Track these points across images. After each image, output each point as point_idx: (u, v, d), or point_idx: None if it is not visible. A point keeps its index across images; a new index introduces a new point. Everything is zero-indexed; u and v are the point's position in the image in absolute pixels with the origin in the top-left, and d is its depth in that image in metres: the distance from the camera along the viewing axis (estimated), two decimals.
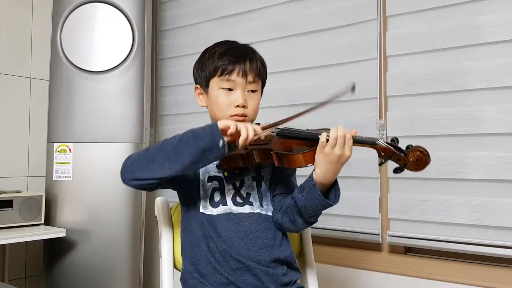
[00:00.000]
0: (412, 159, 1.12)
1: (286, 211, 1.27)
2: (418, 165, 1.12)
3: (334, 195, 1.21)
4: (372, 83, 1.95)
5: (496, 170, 1.67)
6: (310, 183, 1.19)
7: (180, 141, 1.20)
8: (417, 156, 1.11)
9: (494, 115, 1.68)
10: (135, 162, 1.25)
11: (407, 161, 1.12)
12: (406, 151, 1.13)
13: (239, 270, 1.23)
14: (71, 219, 2.16)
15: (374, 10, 1.96)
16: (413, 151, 1.12)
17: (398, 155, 1.13)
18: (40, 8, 2.57)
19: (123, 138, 2.19)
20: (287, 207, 1.27)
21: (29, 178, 2.50)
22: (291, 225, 1.28)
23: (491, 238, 1.68)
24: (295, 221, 1.26)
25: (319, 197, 1.18)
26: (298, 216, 1.25)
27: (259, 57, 1.38)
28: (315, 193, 1.18)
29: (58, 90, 2.23)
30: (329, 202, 1.19)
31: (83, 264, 2.12)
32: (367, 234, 1.94)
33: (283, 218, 1.28)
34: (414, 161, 1.11)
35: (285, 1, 2.23)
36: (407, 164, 1.12)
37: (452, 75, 1.77)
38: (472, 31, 1.73)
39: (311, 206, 1.20)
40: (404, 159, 1.12)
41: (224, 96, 1.32)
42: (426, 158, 1.11)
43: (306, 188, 1.21)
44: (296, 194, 1.24)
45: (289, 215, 1.26)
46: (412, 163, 1.12)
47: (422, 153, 1.11)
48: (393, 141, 1.15)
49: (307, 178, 1.22)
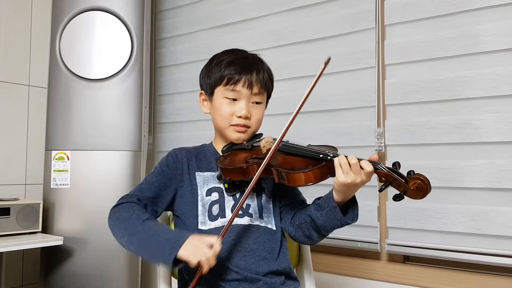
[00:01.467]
0: (412, 187, 1.09)
1: (301, 226, 1.27)
2: (418, 193, 1.09)
3: (352, 215, 1.21)
4: (370, 91, 1.96)
5: (494, 179, 1.67)
6: (331, 205, 1.19)
7: (144, 241, 1.16)
8: (417, 184, 1.09)
9: (492, 124, 1.68)
10: (114, 224, 1.24)
11: (407, 188, 1.10)
12: (407, 177, 1.11)
13: (236, 280, 1.23)
14: (69, 227, 2.15)
15: (372, 19, 1.97)
16: (414, 179, 1.09)
17: (399, 181, 1.10)
18: (39, 16, 2.57)
19: (122, 146, 2.19)
20: (302, 222, 1.27)
21: (27, 185, 2.50)
22: (306, 239, 1.29)
23: (489, 247, 1.67)
24: (311, 236, 1.27)
25: (340, 218, 1.18)
26: (314, 232, 1.25)
27: (266, 68, 1.37)
28: (337, 214, 1.18)
29: (57, 97, 2.23)
30: (348, 221, 1.20)
31: (81, 273, 2.11)
32: (366, 243, 1.94)
33: (297, 232, 1.29)
34: (415, 189, 1.09)
35: (284, 10, 2.24)
36: (407, 192, 1.10)
37: (450, 84, 1.78)
38: (470, 40, 1.74)
39: (331, 225, 1.21)
40: (405, 186, 1.10)
41: (228, 105, 1.31)
42: (427, 187, 1.08)
43: (325, 208, 1.20)
44: (313, 212, 1.23)
45: (304, 230, 1.27)
46: (412, 191, 1.09)
47: (422, 181, 1.08)
48: (394, 165, 1.13)
49: (326, 198, 1.21)
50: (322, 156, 1.17)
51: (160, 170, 1.33)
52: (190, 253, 1.08)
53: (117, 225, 1.22)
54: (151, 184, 1.30)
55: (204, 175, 1.33)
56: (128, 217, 1.21)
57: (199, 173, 1.33)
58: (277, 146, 1.21)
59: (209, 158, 1.37)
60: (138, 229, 1.18)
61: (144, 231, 1.17)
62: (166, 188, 1.31)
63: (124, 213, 1.22)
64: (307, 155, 1.21)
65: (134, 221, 1.19)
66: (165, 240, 1.13)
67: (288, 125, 1.21)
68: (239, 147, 1.35)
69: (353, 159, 1.12)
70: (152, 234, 1.16)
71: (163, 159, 1.36)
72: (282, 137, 1.21)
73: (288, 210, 1.34)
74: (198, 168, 1.34)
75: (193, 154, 1.37)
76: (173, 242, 1.11)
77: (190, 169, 1.34)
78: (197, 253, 1.08)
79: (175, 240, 1.11)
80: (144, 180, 1.32)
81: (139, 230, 1.18)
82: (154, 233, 1.16)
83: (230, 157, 1.32)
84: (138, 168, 2.22)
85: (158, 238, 1.14)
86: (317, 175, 1.16)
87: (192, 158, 1.36)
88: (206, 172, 1.34)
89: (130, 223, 1.20)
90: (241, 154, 1.31)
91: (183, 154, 1.36)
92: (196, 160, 1.36)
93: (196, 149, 1.40)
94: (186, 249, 1.09)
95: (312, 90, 1.22)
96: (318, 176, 1.16)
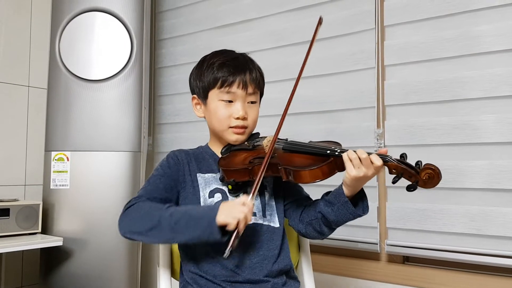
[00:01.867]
0: (424, 176, 1.10)
1: (311, 223, 1.28)
2: (430, 182, 1.10)
3: (362, 207, 1.21)
4: (370, 92, 1.96)
5: (493, 179, 1.67)
6: (342, 200, 1.19)
7: (177, 224, 1.17)
8: (429, 173, 1.09)
9: (492, 125, 1.69)
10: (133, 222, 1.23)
11: (418, 179, 1.10)
12: (417, 168, 1.11)
13: (237, 282, 1.23)
14: (68, 228, 2.15)
15: (372, 20, 1.97)
16: (425, 168, 1.10)
17: (410, 172, 1.11)
18: (38, 17, 2.57)
19: (121, 146, 2.19)
20: (312, 219, 1.27)
21: (26, 186, 2.50)
22: (317, 235, 1.30)
23: (489, 247, 1.68)
24: (322, 231, 1.27)
25: (353, 212, 1.19)
26: (325, 227, 1.26)
27: (257, 67, 1.37)
28: (349, 209, 1.19)
29: (56, 98, 2.23)
30: (360, 213, 1.21)
31: (80, 273, 2.11)
32: (365, 243, 1.94)
33: (307, 229, 1.29)
34: (426, 178, 1.10)
35: (283, 11, 2.24)
36: (419, 182, 1.11)
37: (449, 85, 1.78)
38: (469, 41, 1.75)
39: (343, 219, 1.21)
40: (416, 176, 1.10)
41: (224, 108, 1.31)
42: (438, 175, 1.09)
43: (336, 203, 1.20)
44: (323, 208, 1.24)
45: (315, 227, 1.27)
46: (424, 180, 1.10)
47: (434, 170, 1.09)
48: (402, 157, 1.14)
49: (336, 193, 1.22)
50: (330, 152, 1.17)
51: (162, 172, 1.32)
52: (228, 215, 1.11)
53: (138, 221, 1.21)
54: (156, 186, 1.29)
55: (205, 177, 1.33)
56: (149, 210, 1.21)
57: (201, 175, 1.33)
58: (275, 138, 1.22)
59: (208, 159, 1.37)
60: (166, 216, 1.18)
61: (173, 216, 1.17)
62: (171, 189, 1.30)
63: (143, 209, 1.22)
64: (314, 152, 1.21)
65: (158, 211, 1.20)
66: (199, 214, 1.16)
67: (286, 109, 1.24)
68: (239, 147, 1.35)
69: (363, 154, 1.13)
70: (183, 214, 1.18)
71: (163, 161, 1.35)
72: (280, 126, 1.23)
73: (295, 208, 1.34)
74: (199, 169, 1.34)
75: (192, 156, 1.37)
76: (207, 212, 1.14)
77: (191, 170, 1.33)
78: (234, 213, 1.11)
79: (209, 210, 1.15)
80: (148, 184, 1.31)
81: (166, 216, 1.18)
82: (184, 213, 1.18)
83: (232, 158, 1.31)
84: (137, 169, 2.22)
85: (191, 214, 1.17)
86: (325, 171, 1.16)
87: (192, 159, 1.36)
88: (207, 174, 1.33)
89: (154, 212, 1.20)
90: (242, 154, 1.31)
91: (183, 156, 1.36)
92: (196, 161, 1.36)
93: (194, 151, 1.40)
94: (223, 214, 1.12)
95: (308, 56, 1.24)
96: (326, 172, 1.17)
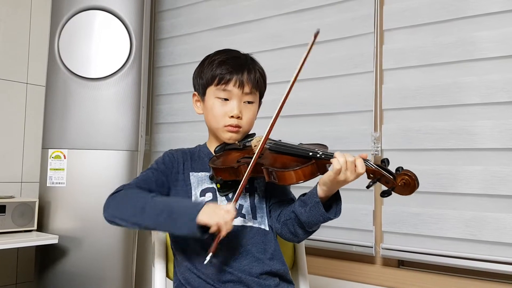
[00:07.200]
0: (400, 183, 1.09)
1: (286, 223, 1.27)
2: (406, 189, 1.10)
3: (335, 210, 1.20)
4: (367, 96, 1.96)
5: (489, 185, 1.68)
6: (314, 200, 1.18)
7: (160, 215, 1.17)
8: (405, 180, 1.09)
9: (488, 130, 1.69)
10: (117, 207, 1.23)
11: (395, 185, 1.10)
12: (395, 174, 1.11)
13: (230, 282, 1.23)
14: (64, 226, 2.14)
15: (371, 24, 1.97)
16: (402, 175, 1.10)
17: (387, 177, 1.11)
18: (38, 14, 2.57)
19: (118, 145, 2.19)
20: (287, 219, 1.27)
21: (23, 183, 2.49)
22: (291, 236, 1.28)
23: (484, 253, 1.68)
24: (296, 232, 1.26)
25: (323, 214, 1.18)
26: (299, 228, 1.25)
27: (258, 67, 1.37)
28: (319, 210, 1.18)
29: (54, 96, 2.23)
30: (331, 217, 1.19)
31: (75, 272, 2.11)
32: (361, 247, 1.94)
33: (282, 229, 1.28)
34: (402, 185, 1.09)
35: (282, 13, 2.24)
36: (395, 188, 1.10)
37: (447, 90, 1.78)
38: (467, 46, 1.75)
39: (314, 221, 1.20)
40: (393, 182, 1.10)
41: (220, 105, 1.32)
42: (415, 183, 1.09)
43: (309, 204, 1.20)
44: (297, 208, 1.23)
45: (290, 227, 1.26)
46: (400, 187, 1.10)
47: (410, 177, 1.08)
48: (383, 162, 1.14)
49: (310, 193, 1.21)
50: (312, 154, 1.18)
51: (156, 167, 1.33)
52: (210, 218, 1.11)
53: (123, 207, 1.21)
54: (148, 178, 1.30)
55: (198, 176, 1.33)
56: (135, 196, 1.22)
57: (193, 174, 1.34)
58: (264, 141, 1.22)
59: (203, 158, 1.38)
60: (150, 203, 1.18)
61: (157, 204, 1.18)
62: (162, 184, 1.31)
63: (129, 194, 1.23)
64: (297, 153, 1.22)
65: (143, 198, 1.20)
66: (183, 207, 1.16)
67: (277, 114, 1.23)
68: (232, 147, 1.35)
69: (350, 157, 1.13)
70: (167, 204, 1.18)
71: (159, 157, 1.37)
72: (269, 130, 1.22)
73: (276, 208, 1.33)
74: (192, 168, 1.35)
75: (188, 155, 1.38)
76: (191, 209, 1.14)
77: (185, 169, 1.34)
78: (216, 216, 1.11)
79: (193, 207, 1.14)
80: (140, 175, 1.32)
81: (151, 204, 1.18)
82: (169, 203, 1.18)
83: (223, 157, 1.32)
84: (134, 168, 2.22)
85: (175, 207, 1.17)
86: (306, 173, 1.17)
87: (188, 158, 1.37)
88: (200, 173, 1.34)
89: (140, 200, 1.20)
90: (233, 154, 1.32)
91: (179, 155, 1.37)
92: (191, 160, 1.37)
93: (191, 150, 1.41)
94: (205, 214, 1.12)
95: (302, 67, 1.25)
96: (307, 174, 1.17)
